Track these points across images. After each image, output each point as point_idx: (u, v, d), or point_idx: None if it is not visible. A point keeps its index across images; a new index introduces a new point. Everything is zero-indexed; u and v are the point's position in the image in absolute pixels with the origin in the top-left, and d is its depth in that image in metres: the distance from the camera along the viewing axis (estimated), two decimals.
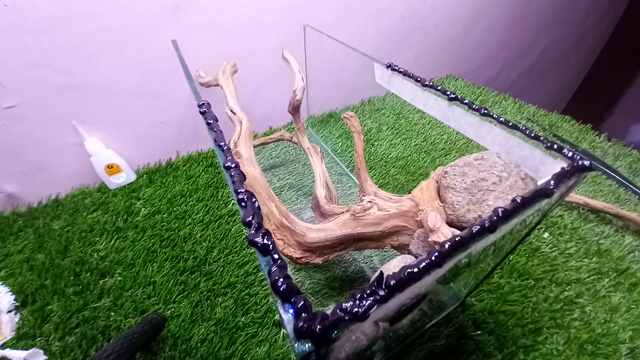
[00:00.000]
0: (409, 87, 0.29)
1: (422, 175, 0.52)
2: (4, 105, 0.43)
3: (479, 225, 0.15)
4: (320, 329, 0.11)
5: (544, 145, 0.20)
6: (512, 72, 1.03)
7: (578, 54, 1.17)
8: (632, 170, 0.53)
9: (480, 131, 0.24)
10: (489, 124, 0.23)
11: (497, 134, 0.23)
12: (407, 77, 0.30)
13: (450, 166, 0.26)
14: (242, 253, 0.40)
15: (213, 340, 0.32)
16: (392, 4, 0.66)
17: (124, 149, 0.53)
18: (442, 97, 0.26)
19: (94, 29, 0.43)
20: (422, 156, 0.56)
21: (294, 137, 0.48)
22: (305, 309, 0.12)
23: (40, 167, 0.50)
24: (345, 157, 0.57)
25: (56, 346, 0.32)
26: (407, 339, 0.32)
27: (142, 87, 0.50)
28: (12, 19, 0.38)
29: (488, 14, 0.82)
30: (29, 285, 0.37)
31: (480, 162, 0.24)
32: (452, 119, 0.25)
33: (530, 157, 0.21)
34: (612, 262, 0.38)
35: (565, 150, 0.19)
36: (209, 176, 0.53)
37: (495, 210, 0.16)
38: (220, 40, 0.52)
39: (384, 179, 0.52)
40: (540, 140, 0.21)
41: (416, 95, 0.28)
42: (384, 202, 0.29)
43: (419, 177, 0.52)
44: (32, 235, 0.44)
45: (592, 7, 1.03)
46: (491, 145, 0.24)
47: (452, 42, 0.81)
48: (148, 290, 0.37)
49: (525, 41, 0.97)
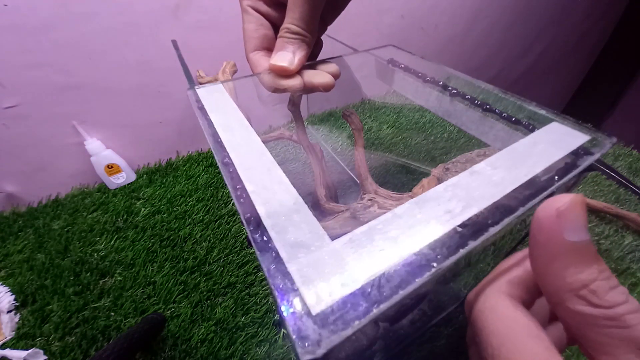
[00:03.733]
0: (410, 83, 0.29)
1: (423, 174, 0.52)
2: (4, 105, 0.43)
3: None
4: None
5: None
6: (512, 72, 1.03)
7: (578, 54, 1.17)
8: (632, 170, 0.53)
9: (482, 127, 0.24)
10: (491, 119, 0.23)
11: (499, 130, 0.23)
12: (408, 72, 0.29)
13: (452, 163, 0.26)
14: (242, 253, 0.40)
15: (213, 340, 0.32)
16: (392, 4, 0.66)
17: (124, 149, 0.53)
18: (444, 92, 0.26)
19: (94, 29, 0.43)
20: (423, 155, 0.56)
21: (293, 135, 0.48)
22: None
23: (40, 167, 0.50)
24: (346, 155, 0.57)
25: (56, 346, 0.32)
26: (407, 339, 0.32)
27: (142, 87, 0.50)
28: (12, 19, 0.38)
29: (488, 14, 0.82)
30: (29, 285, 0.37)
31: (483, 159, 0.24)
32: (454, 115, 0.25)
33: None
34: (612, 262, 0.38)
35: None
36: (209, 176, 0.53)
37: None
38: (220, 40, 0.52)
39: (384, 178, 0.52)
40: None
41: (417, 92, 0.28)
42: (385, 200, 0.29)
43: (420, 175, 0.52)
44: (32, 235, 0.44)
45: (592, 7, 1.03)
46: (493, 142, 0.24)
47: (452, 42, 0.82)
48: (148, 290, 0.37)
49: (525, 41, 0.97)
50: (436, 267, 0.12)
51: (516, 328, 0.12)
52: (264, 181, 0.16)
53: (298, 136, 0.46)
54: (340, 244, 0.13)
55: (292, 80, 0.23)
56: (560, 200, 0.11)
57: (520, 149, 0.17)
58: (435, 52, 0.81)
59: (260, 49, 0.24)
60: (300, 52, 0.23)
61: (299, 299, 0.11)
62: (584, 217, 0.11)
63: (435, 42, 0.79)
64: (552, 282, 0.12)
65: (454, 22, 0.77)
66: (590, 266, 0.11)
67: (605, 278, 0.11)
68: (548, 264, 0.11)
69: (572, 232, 0.11)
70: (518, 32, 0.92)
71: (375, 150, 0.58)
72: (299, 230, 0.13)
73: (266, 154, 0.18)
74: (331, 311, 0.11)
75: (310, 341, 0.10)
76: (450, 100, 0.25)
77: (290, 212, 0.14)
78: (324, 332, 0.10)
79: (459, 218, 0.13)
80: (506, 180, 0.15)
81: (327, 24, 0.27)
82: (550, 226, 0.11)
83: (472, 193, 0.15)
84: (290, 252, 0.13)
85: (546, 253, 0.11)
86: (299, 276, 0.12)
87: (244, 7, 0.24)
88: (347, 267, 0.12)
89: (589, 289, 0.11)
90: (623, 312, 0.10)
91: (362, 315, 0.11)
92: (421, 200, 0.14)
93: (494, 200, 0.14)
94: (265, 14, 0.24)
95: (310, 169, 0.40)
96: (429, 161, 0.55)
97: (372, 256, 0.12)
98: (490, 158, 0.16)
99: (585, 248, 0.11)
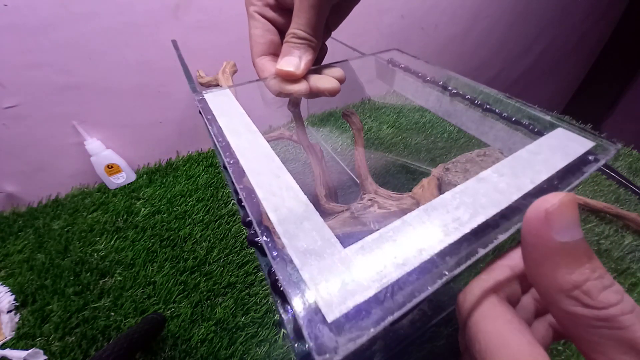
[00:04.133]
0: (410, 82, 0.29)
1: (423, 174, 0.52)
2: (4, 105, 0.43)
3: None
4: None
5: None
6: (512, 72, 1.03)
7: (578, 54, 1.17)
8: (632, 170, 0.53)
9: (482, 127, 0.24)
10: (491, 119, 0.23)
11: (499, 129, 0.23)
12: (409, 72, 0.29)
13: (452, 163, 0.26)
14: (242, 253, 0.40)
15: (213, 340, 0.32)
16: (392, 4, 0.66)
17: (124, 149, 0.53)
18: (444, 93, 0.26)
19: (94, 29, 0.43)
20: (423, 155, 0.56)
21: (293, 135, 0.48)
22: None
23: (40, 167, 0.50)
24: (346, 155, 0.57)
25: (56, 346, 0.32)
26: (407, 339, 0.32)
27: (142, 87, 0.50)
28: (12, 19, 0.38)
29: (488, 14, 0.82)
30: (29, 285, 0.37)
31: (483, 159, 0.24)
32: (454, 115, 0.25)
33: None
34: (612, 262, 0.38)
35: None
36: (209, 176, 0.52)
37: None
38: (220, 40, 0.52)
39: (384, 178, 0.52)
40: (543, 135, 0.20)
41: (417, 92, 0.28)
42: (385, 200, 0.29)
43: (420, 175, 0.52)
44: (32, 235, 0.44)
45: (592, 7, 1.03)
46: (493, 142, 0.24)
47: (452, 42, 0.81)
48: (148, 290, 0.37)
49: (525, 41, 0.97)
50: (448, 275, 0.12)
51: (502, 325, 0.12)
52: (272, 187, 0.16)
53: (298, 136, 0.46)
54: (352, 251, 0.13)
55: (298, 85, 0.23)
56: (549, 201, 0.11)
57: (526, 155, 0.17)
58: (435, 52, 0.81)
59: (266, 54, 0.25)
60: (306, 57, 0.23)
61: (314, 306, 0.11)
62: (575, 216, 0.11)
63: (435, 42, 0.79)
64: (544, 283, 0.11)
65: (454, 22, 0.77)
66: (582, 265, 0.11)
67: (598, 277, 0.11)
68: (539, 265, 0.11)
69: (561, 232, 0.11)
70: (518, 32, 0.92)
71: (375, 150, 0.58)
72: (310, 237, 0.14)
73: (275, 159, 0.18)
74: (346, 319, 0.11)
75: (327, 348, 0.10)
76: (450, 101, 0.26)
77: (301, 219, 0.15)
78: (340, 339, 0.10)
79: (467, 226, 0.14)
80: (512, 187, 0.15)
81: (332, 29, 0.27)
82: (539, 227, 0.11)
83: (479, 200, 0.15)
84: (303, 259, 0.13)
85: (537, 254, 0.11)
86: (313, 283, 0.12)
87: (250, 13, 0.25)
88: (359, 274, 0.12)
89: (582, 289, 0.10)
90: (617, 313, 0.10)
91: (377, 323, 0.11)
92: (430, 207, 0.15)
93: (500, 207, 0.14)
94: (271, 20, 0.25)
95: (310, 169, 0.40)
96: (429, 161, 0.55)
97: (384, 264, 0.12)
98: (497, 165, 0.17)
99: (577, 247, 0.11)
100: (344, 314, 0.11)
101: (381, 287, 0.12)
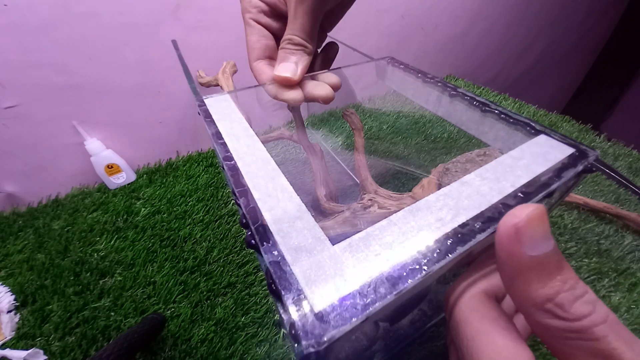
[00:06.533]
0: (409, 82, 0.29)
1: (423, 174, 0.52)
2: (4, 105, 0.43)
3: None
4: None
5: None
6: (512, 72, 1.03)
7: (578, 54, 1.17)
8: (632, 170, 0.53)
9: (482, 127, 0.24)
10: (491, 119, 0.23)
11: (499, 129, 0.23)
12: (408, 72, 0.29)
13: (452, 163, 0.26)
14: (242, 253, 0.40)
15: (213, 340, 0.32)
16: (392, 4, 0.66)
17: (124, 149, 0.53)
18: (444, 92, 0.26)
19: (94, 29, 0.43)
20: (423, 155, 0.56)
21: (293, 135, 0.48)
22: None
23: (40, 167, 0.50)
24: (346, 155, 0.57)
25: (56, 346, 0.32)
26: (407, 339, 0.32)
27: (142, 87, 0.50)
28: (12, 19, 0.38)
29: (488, 14, 0.82)
30: (29, 285, 0.37)
31: (483, 158, 0.24)
32: (454, 115, 0.25)
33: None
34: (612, 262, 0.38)
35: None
36: (209, 176, 0.53)
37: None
38: (220, 40, 0.52)
39: (384, 178, 0.52)
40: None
41: (417, 91, 0.28)
42: (385, 200, 0.29)
43: (420, 175, 0.52)
44: (32, 235, 0.44)
45: (592, 7, 1.03)
46: (493, 142, 0.24)
47: (452, 42, 0.82)
48: (148, 290, 0.37)
49: (525, 41, 0.97)
50: (427, 270, 0.13)
51: (487, 321, 0.13)
52: (268, 189, 0.17)
53: (298, 136, 0.46)
54: (340, 248, 0.14)
55: (293, 93, 0.24)
56: (518, 215, 0.11)
57: (508, 161, 0.18)
58: (435, 52, 0.81)
59: (262, 58, 0.26)
60: (302, 63, 0.24)
61: (303, 297, 0.12)
62: (544, 228, 0.11)
63: (435, 42, 0.79)
64: (518, 297, 0.12)
65: (454, 22, 0.77)
66: (554, 278, 0.11)
67: (569, 289, 0.11)
68: (513, 280, 0.11)
69: (531, 246, 0.11)
70: (518, 32, 0.92)
71: (375, 150, 0.58)
72: (302, 235, 0.15)
73: (271, 162, 0.19)
74: (332, 309, 0.12)
75: (314, 336, 0.11)
76: (450, 100, 0.26)
77: (294, 218, 0.15)
78: (325, 327, 0.11)
79: (449, 225, 0.15)
80: (494, 190, 0.16)
81: (327, 31, 0.28)
82: (509, 243, 0.11)
83: (461, 202, 0.16)
84: (295, 255, 0.14)
85: (509, 269, 0.11)
86: (303, 277, 0.13)
87: (246, 20, 0.25)
88: (346, 269, 0.13)
89: (554, 302, 0.11)
90: (589, 325, 0.10)
91: (360, 313, 0.12)
92: (415, 208, 0.16)
93: (481, 209, 0.15)
94: (266, 26, 0.26)
95: (310, 169, 0.40)
96: (429, 161, 0.55)
97: (369, 260, 0.13)
98: (480, 169, 0.18)
99: (547, 260, 0.11)
100: (330, 305, 0.12)
101: (365, 281, 0.13)
